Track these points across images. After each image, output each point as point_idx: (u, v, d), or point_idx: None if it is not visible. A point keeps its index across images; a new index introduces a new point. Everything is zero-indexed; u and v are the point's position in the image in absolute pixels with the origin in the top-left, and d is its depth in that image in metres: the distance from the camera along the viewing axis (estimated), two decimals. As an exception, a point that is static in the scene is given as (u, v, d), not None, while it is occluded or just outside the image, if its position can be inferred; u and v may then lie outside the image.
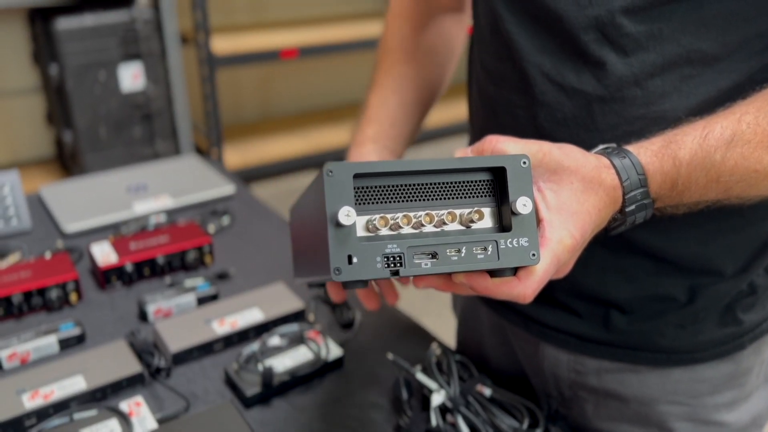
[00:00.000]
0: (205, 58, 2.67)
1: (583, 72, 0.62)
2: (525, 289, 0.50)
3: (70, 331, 0.90)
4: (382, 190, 0.51)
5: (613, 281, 0.69)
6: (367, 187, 0.50)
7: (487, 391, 0.76)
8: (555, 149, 0.53)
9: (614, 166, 0.55)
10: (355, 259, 0.48)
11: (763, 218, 0.67)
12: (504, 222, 0.53)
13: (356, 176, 0.49)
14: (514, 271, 0.51)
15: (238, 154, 3.09)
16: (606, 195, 0.54)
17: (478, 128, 0.76)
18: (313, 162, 3.26)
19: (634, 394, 0.74)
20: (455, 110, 3.28)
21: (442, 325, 1.79)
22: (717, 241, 0.66)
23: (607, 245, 0.67)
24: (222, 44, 2.79)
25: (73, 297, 0.98)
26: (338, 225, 0.47)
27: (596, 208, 0.53)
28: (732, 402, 0.74)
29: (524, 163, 0.51)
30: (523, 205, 0.50)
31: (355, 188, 0.49)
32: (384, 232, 0.50)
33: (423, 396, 0.78)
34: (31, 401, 0.76)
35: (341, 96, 3.84)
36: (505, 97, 0.69)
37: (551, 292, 0.73)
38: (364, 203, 0.50)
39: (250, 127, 3.44)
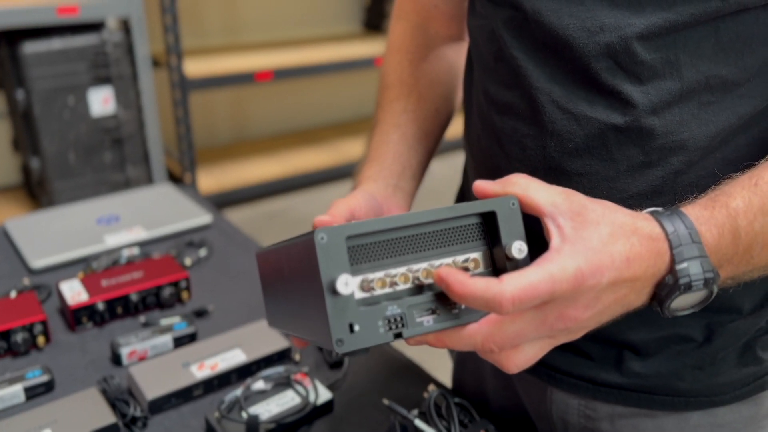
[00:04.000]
0: (178, 82, 2.62)
1: (596, 100, 0.58)
2: (502, 294, 0.43)
3: (38, 378, 0.83)
4: (375, 247, 0.49)
5: (627, 321, 0.65)
6: (359, 246, 0.48)
7: (490, 437, 0.71)
8: (582, 195, 0.49)
9: (655, 217, 0.49)
10: (356, 327, 0.46)
11: None
12: (498, 265, 0.52)
13: (348, 238, 0.47)
14: None
15: (212, 179, 3.03)
16: (640, 244, 0.47)
17: (480, 159, 0.72)
18: (290, 185, 3.21)
19: None
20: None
21: (426, 354, 1.74)
22: None
23: None
24: (195, 67, 2.74)
25: (40, 340, 0.91)
26: (335, 293, 0.45)
27: (623, 256, 0.46)
28: None
29: (513, 204, 0.51)
30: (518, 249, 0.50)
31: (348, 249, 0.47)
32: (381, 291, 0.48)
33: (421, 443, 0.73)
34: (-7, 460, 0.70)
35: (317, 118, 3.81)
36: (511, 127, 0.65)
37: None
38: (356, 263, 0.48)
39: (224, 150, 3.39)
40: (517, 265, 0.50)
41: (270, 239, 0.72)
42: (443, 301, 0.49)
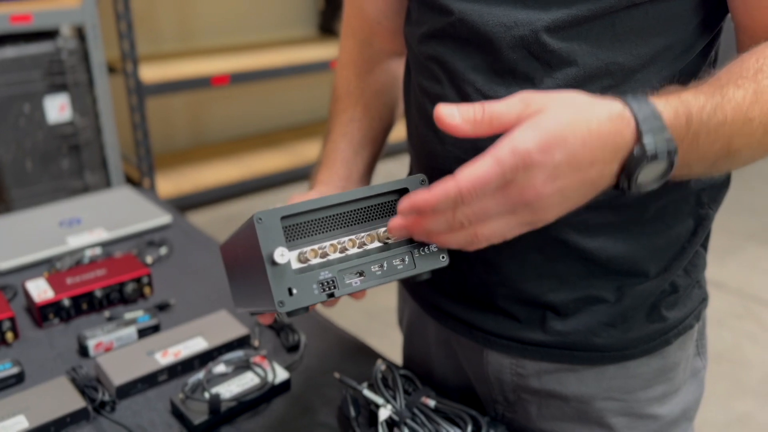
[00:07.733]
0: (134, 87, 2.64)
1: (513, 87, 0.66)
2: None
3: (8, 370, 0.88)
4: (308, 225, 0.59)
5: (549, 285, 0.73)
6: (294, 225, 0.58)
7: (431, 403, 0.78)
8: (537, 97, 0.53)
9: (620, 99, 0.52)
10: (294, 291, 0.56)
11: (680, 222, 0.73)
12: None
13: (283, 218, 0.57)
14: (430, 274, 0.62)
15: (171, 183, 3.06)
16: (600, 125, 0.51)
17: (418, 146, 0.80)
18: (248, 187, 3.25)
19: (573, 393, 0.78)
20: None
21: (388, 345, 1.80)
22: (641, 244, 0.71)
23: (543, 251, 0.71)
24: (151, 72, 2.77)
25: (9, 336, 0.95)
26: (274, 264, 0.55)
27: (578, 137, 0.50)
28: (663, 396, 0.78)
29: (423, 181, 0.62)
30: None
31: (283, 228, 0.57)
32: (315, 260, 0.58)
33: (370, 412, 0.80)
34: (-30, 445, 0.75)
35: (274, 121, 3.85)
36: None
37: (493, 299, 0.76)
38: (293, 239, 0.58)
39: (182, 155, 3.41)
40: None
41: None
42: (368, 264, 0.59)
